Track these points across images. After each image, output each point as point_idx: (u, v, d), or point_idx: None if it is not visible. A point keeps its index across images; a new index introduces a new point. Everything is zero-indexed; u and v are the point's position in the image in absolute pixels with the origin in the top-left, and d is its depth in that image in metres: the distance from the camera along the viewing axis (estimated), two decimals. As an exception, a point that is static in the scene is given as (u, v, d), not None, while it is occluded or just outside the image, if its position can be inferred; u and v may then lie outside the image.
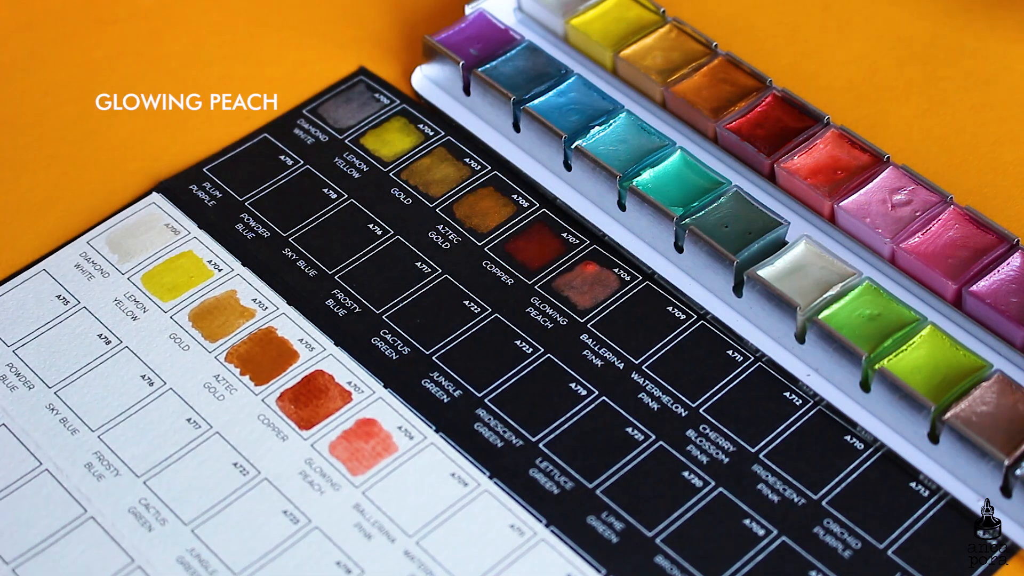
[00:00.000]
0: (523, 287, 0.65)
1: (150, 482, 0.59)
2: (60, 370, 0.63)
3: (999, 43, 0.73)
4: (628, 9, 0.71)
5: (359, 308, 0.64)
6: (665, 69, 0.69)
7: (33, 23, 0.76)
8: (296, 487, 0.59)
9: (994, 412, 0.58)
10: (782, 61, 0.72)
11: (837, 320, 0.60)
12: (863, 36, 0.74)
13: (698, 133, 0.68)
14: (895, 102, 0.71)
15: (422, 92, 0.72)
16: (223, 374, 0.62)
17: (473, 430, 0.61)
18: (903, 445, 0.59)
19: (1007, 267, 0.61)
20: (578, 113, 0.68)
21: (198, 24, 0.76)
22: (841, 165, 0.65)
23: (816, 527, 0.58)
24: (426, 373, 0.62)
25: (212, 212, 0.68)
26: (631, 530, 0.58)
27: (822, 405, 0.61)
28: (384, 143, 0.70)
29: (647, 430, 0.60)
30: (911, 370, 0.59)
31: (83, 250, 0.67)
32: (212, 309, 0.64)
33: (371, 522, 0.58)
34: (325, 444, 0.60)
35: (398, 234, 0.67)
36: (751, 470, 0.59)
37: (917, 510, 0.58)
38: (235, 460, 0.60)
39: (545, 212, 0.67)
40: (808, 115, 0.66)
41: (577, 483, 0.59)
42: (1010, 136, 0.69)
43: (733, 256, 0.62)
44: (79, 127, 0.72)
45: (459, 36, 0.71)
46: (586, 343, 0.63)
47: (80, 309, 0.65)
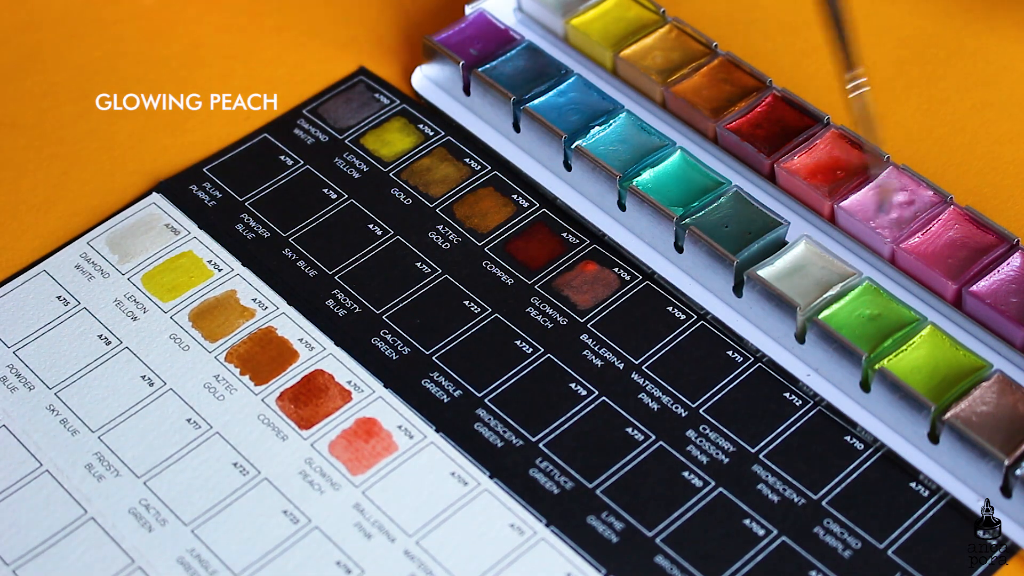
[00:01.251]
0: (523, 287, 0.65)
1: (150, 483, 0.59)
2: (60, 371, 0.63)
3: (999, 43, 0.73)
4: (628, 9, 0.71)
5: (359, 308, 0.64)
6: (665, 69, 0.69)
7: (33, 23, 0.76)
8: (296, 487, 0.59)
9: (994, 412, 0.58)
10: (782, 61, 0.72)
11: (837, 320, 0.60)
12: (863, 36, 0.73)
13: (698, 133, 0.68)
14: (895, 102, 0.71)
15: (422, 92, 0.72)
16: (223, 374, 0.62)
17: (473, 430, 0.61)
18: (903, 445, 0.59)
19: (1007, 267, 0.61)
20: (578, 113, 0.68)
21: (198, 24, 0.76)
22: (841, 165, 0.65)
23: (816, 527, 0.58)
24: (426, 373, 0.62)
25: (212, 212, 0.68)
26: (631, 530, 0.58)
27: (822, 405, 0.61)
28: (384, 143, 0.70)
29: (647, 430, 0.60)
30: (911, 370, 0.59)
31: (83, 251, 0.67)
32: (212, 309, 0.64)
33: (371, 522, 0.58)
34: (325, 444, 0.60)
35: (398, 234, 0.67)
36: (751, 470, 0.59)
37: (917, 510, 0.58)
38: (235, 460, 0.60)
39: (545, 212, 0.67)
40: (808, 115, 0.66)
41: (577, 483, 0.59)
42: (1010, 136, 0.69)
43: (733, 256, 0.62)
44: (79, 127, 0.72)
45: (459, 36, 0.71)
46: (586, 343, 0.63)
47: (80, 310, 0.65)
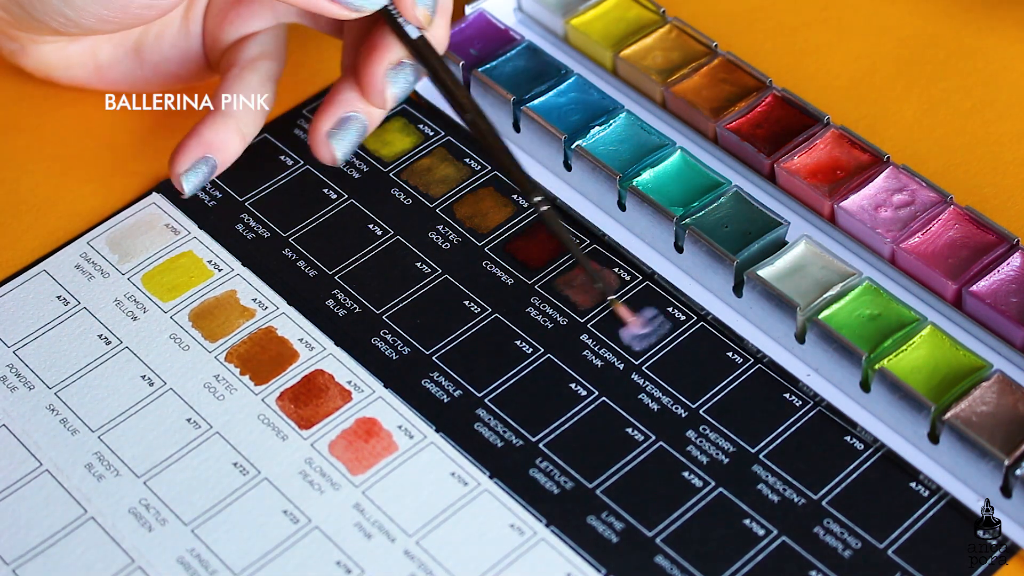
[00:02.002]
0: (523, 287, 0.65)
1: (150, 482, 0.59)
2: (60, 371, 0.63)
3: (999, 43, 0.73)
4: (628, 9, 0.71)
5: (359, 308, 0.64)
6: (665, 69, 0.69)
7: (33, 23, 0.76)
8: (296, 487, 0.59)
9: (994, 412, 0.58)
10: (782, 61, 0.72)
11: (837, 320, 0.60)
12: (863, 36, 0.73)
13: (698, 133, 0.68)
14: (895, 102, 0.71)
15: (422, 92, 0.72)
16: (223, 374, 0.62)
17: (473, 430, 0.61)
18: (903, 445, 0.59)
19: (1007, 267, 0.61)
20: (578, 113, 0.68)
21: (198, 24, 0.76)
22: (841, 165, 0.65)
23: (816, 527, 0.58)
24: (426, 373, 0.62)
25: (212, 212, 0.68)
26: (631, 530, 0.58)
27: (822, 405, 0.61)
28: (384, 143, 0.70)
29: (647, 430, 0.60)
30: (911, 370, 0.59)
31: (83, 250, 0.67)
32: (212, 309, 0.64)
33: (371, 521, 0.58)
34: (325, 443, 0.60)
35: (398, 234, 0.67)
36: (751, 470, 0.59)
37: (917, 510, 0.58)
38: (235, 460, 0.60)
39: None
40: (808, 115, 0.66)
41: (577, 483, 0.59)
42: (1010, 136, 0.69)
43: (733, 256, 0.62)
44: (79, 127, 0.72)
45: (459, 36, 0.71)
46: (586, 343, 0.63)
47: (80, 310, 0.65)
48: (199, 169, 0.63)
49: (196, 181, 0.63)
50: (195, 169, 0.63)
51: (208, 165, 0.63)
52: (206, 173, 0.64)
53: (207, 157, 0.63)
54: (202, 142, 0.64)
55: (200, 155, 0.63)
